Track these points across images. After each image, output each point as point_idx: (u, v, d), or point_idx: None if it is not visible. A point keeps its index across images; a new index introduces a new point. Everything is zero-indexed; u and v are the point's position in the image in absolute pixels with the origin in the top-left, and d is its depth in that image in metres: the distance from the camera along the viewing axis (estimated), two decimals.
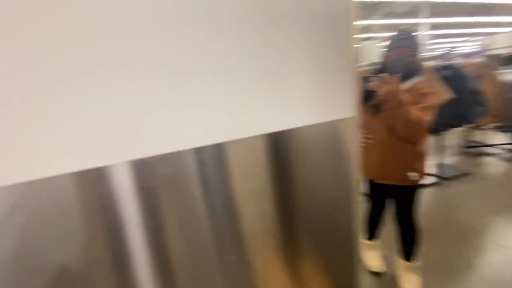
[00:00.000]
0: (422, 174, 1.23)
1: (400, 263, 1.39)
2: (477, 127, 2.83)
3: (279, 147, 0.72)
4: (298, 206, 0.79)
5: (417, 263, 1.37)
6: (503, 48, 3.87)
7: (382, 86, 1.06)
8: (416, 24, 7.97)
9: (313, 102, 0.73)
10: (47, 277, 0.44)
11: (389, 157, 1.21)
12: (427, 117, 1.07)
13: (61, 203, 0.44)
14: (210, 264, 0.65)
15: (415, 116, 1.04)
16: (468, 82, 2.32)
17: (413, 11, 7.54)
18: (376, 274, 1.45)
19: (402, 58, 1.12)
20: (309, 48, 0.66)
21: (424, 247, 1.57)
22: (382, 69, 1.21)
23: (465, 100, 2.27)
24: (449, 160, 3.00)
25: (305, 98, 0.71)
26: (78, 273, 0.47)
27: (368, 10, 7.64)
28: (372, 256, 1.51)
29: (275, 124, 0.67)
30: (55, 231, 0.44)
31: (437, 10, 7.55)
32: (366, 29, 8.93)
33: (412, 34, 1.17)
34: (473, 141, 3.31)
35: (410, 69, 1.14)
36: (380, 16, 7.95)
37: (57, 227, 0.44)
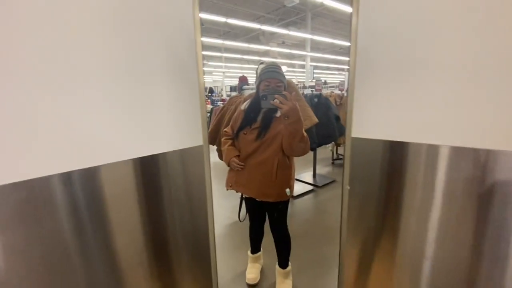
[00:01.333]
0: (293, 189, 1.39)
1: (277, 271, 1.53)
2: (340, 144, 3.57)
3: (144, 172, 0.76)
4: (161, 226, 0.80)
5: (289, 268, 1.54)
6: None
7: (284, 103, 1.10)
8: (302, 56, 9.56)
9: (171, 131, 0.76)
10: None
11: (268, 176, 1.30)
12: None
13: None
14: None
15: (304, 134, 1.19)
16: (333, 109, 2.92)
17: (300, 44, 9.03)
18: (252, 286, 1.55)
19: (271, 88, 1.24)
20: (166, 88, 0.76)
21: (300, 250, 1.82)
22: (254, 97, 1.33)
23: (331, 123, 2.84)
24: (321, 170, 3.64)
25: (165, 128, 0.75)
26: None
27: (266, 38, 8.60)
28: (251, 269, 1.62)
29: (137, 150, 0.73)
30: None
31: (316, 47, 9.34)
32: (266, 53, 10.01)
33: (279, 67, 1.32)
34: (339, 155, 4.16)
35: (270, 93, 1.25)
36: (275, 44, 9.08)
37: None
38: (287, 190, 1.33)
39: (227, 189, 1.45)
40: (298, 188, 2.99)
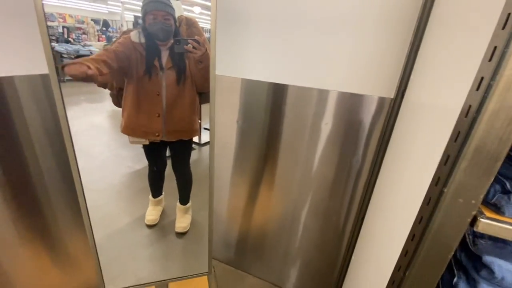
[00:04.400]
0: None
1: (178, 207, 1.64)
2: None
3: None
4: (14, 163, 0.74)
5: (190, 204, 1.67)
6: None
7: (198, 48, 1.11)
8: None
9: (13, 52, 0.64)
10: None
11: (188, 114, 1.31)
12: None
13: None
14: None
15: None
16: None
17: None
18: (151, 226, 1.63)
19: (159, 22, 1.13)
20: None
21: (201, 191, 1.95)
22: (144, 33, 1.18)
23: None
24: None
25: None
26: None
27: None
28: (151, 211, 1.67)
29: None
30: None
31: None
32: None
33: None
34: None
35: (169, 33, 1.19)
36: None
37: None
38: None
39: (144, 144, 1.37)
40: (206, 137, 3.06)
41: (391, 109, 0.90)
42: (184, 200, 1.63)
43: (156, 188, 1.67)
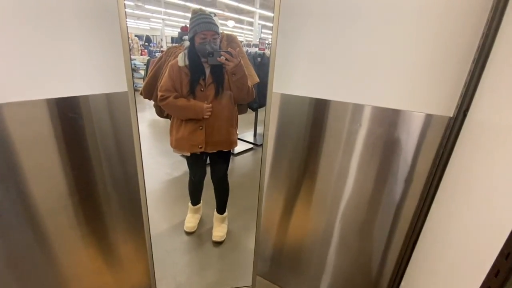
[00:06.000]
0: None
1: (215, 216, 1.67)
2: None
3: (62, 115, 0.73)
4: (87, 173, 0.81)
5: (226, 214, 1.70)
6: None
7: (230, 60, 1.16)
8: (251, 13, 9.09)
9: (89, 73, 0.73)
10: None
11: (228, 126, 1.37)
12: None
13: None
14: None
15: (249, 85, 1.30)
16: None
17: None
18: (189, 233, 1.68)
19: (208, 41, 1.19)
20: (84, 30, 0.72)
21: (236, 199, 1.99)
22: (191, 50, 1.25)
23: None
24: (262, 130, 3.84)
25: (81, 70, 0.74)
26: None
27: None
28: (190, 218, 1.73)
29: (58, 90, 0.69)
30: None
31: (266, 4, 8.94)
32: (213, 3, 9.12)
33: (212, 16, 1.22)
34: None
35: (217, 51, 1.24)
36: None
37: None
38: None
39: (185, 155, 1.43)
40: (239, 147, 3.12)
41: (450, 129, 0.85)
42: (221, 209, 1.67)
43: (195, 196, 1.73)
